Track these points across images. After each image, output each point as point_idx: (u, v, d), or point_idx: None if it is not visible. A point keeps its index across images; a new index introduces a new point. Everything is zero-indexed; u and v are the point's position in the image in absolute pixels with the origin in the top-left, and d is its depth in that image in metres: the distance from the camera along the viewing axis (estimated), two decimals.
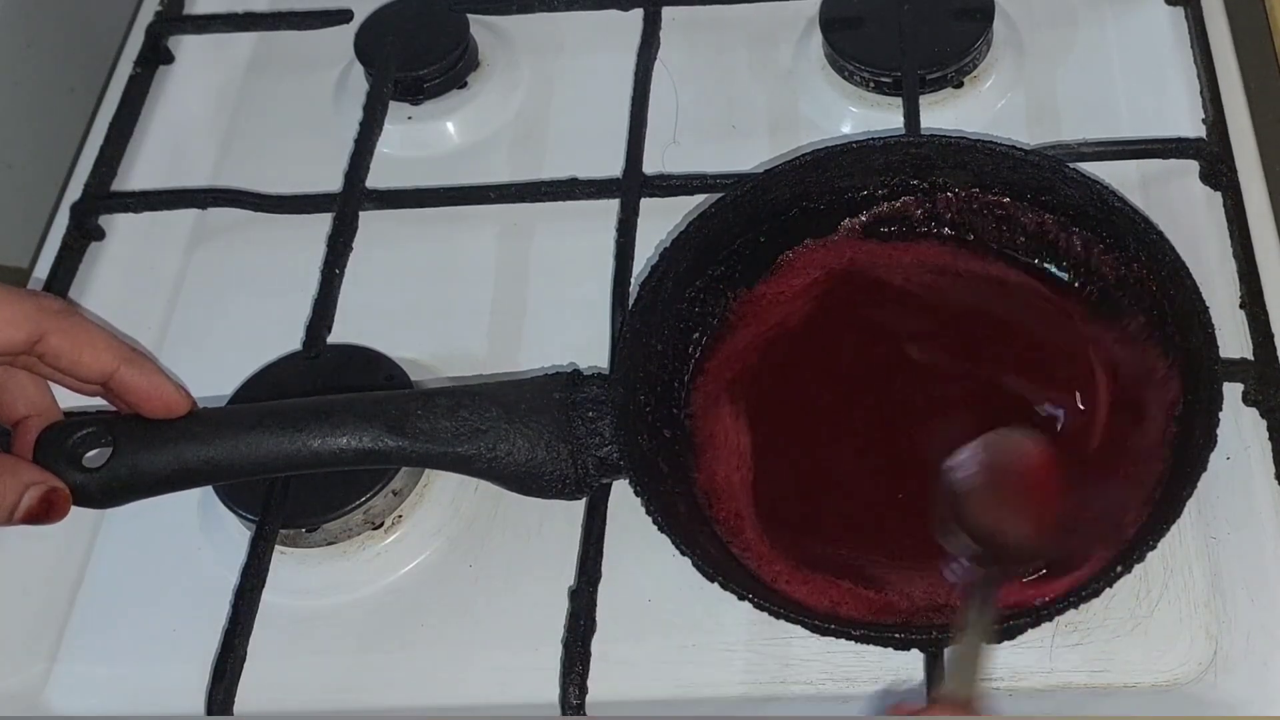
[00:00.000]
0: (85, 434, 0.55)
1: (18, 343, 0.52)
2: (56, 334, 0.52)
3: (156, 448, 0.56)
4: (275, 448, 0.57)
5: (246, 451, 0.57)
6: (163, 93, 0.83)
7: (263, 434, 0.57)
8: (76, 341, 0.53)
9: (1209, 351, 0.57)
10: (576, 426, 0.58)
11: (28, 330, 0.52)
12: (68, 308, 0.54)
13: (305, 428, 0.57)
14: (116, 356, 0.54)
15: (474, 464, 0.58)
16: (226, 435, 0.57)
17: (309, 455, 0.57)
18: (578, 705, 0.56)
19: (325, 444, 0.57)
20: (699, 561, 0.54)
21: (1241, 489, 0.60)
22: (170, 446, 0.56)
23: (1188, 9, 0.77)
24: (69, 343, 0.53)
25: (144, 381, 0.55)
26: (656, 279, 0.62)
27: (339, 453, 0.57)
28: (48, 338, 0.52)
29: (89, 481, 0.55)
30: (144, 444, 0.56)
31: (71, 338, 0.53)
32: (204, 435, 0.56)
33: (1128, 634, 0.57)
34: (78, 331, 0.53)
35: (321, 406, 0.58)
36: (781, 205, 0.66)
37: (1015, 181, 0.64)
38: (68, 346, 0.53)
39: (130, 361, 0.54)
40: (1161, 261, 0.59)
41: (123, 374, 0.54)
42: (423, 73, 0.79)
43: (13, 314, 0.52)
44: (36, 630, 0.63)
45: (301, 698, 0.60)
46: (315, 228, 0.73)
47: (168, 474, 0.56)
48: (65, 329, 0.53)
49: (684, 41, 0.81)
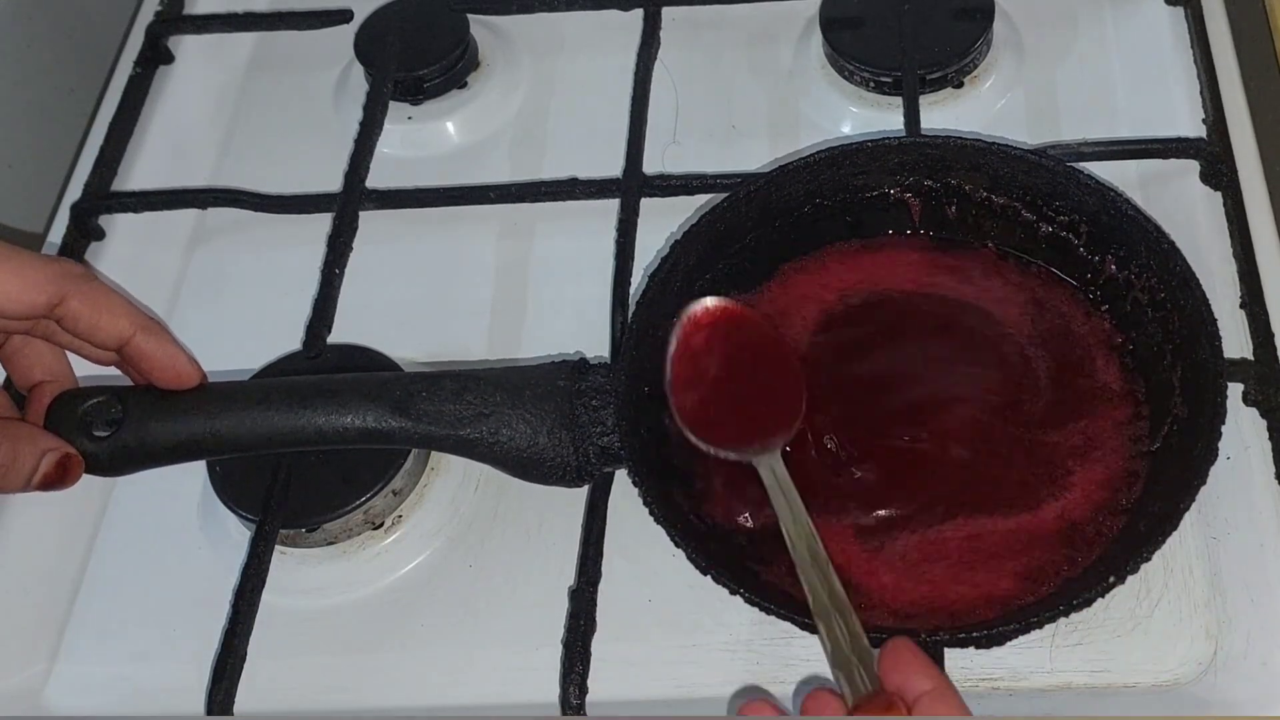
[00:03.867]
0: (96, 402, 0.56)
1: (40, 305, 0.53)
2: (77, 297, 0.53)
3: (165, 418, 0.57)
4: (281, 423, 0.57)
5: (252, 426, 0.57)
6: (163, 93, 0.83)
7: (269, 409, 0.57)
8: (96, 306, 0.54)
9: (1215, 364, 0.57)
10: (579, 414, 0.58)
11: (50, 293, 0.53)
12: (88, 273, 0.55)
13: (311, 405, 0.57)
14: (133, 323, 0.55)
15: (476, 447, 0.58)
16: (234, 409, 0.57)
17: (313, 432, 0.57)
18: (578, 705, 0.56)
19: (330, 422, 0.57)
20: (693, 554, 0.54)
21: (1241, 489, 0.60)
22: (179, 418, 0.57)
23: (1188, 9, 0.77)
24: (89, 307, 0.54)
25: (158, 350, 0.56)
26: (666, 271, 0.62)
27: (343, 431, 0.57)
28: (68, 301, 0.53)
29: (99, 449, 0.56)
30: (153, 414, 0.57)
31: (91, 301, 0.54)
32: (212, 408, 0.57)
33: (1128, 634, 0.57)
34: (97, 296, 0.54)
35: (328, 385, 0.59)
36: (794, 202, 0.66)
37: (1028, 185, 0.64)
38: (87, 310, 0.54)
39: (146, 329, 0.55)
40: (1172, 271, 0.59)
41: (138, 341, 0.55)
42: (423, 73, 0.79)
43: (36, 277, 0.53)
44: (36, 630, 0.63)
45: (301, 698, 0.60)
46: (315, 228, 0.73)
47: (175, 444, 0.57)
48: (86, 293, 0.54)
49: (684, 41, 0.81)
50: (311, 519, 0.62)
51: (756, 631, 0.58)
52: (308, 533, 0.62)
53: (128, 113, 0.81)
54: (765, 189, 0.65)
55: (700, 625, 0.59)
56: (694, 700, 0.58)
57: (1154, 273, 0.61)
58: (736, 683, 0.58)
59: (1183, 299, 0.59)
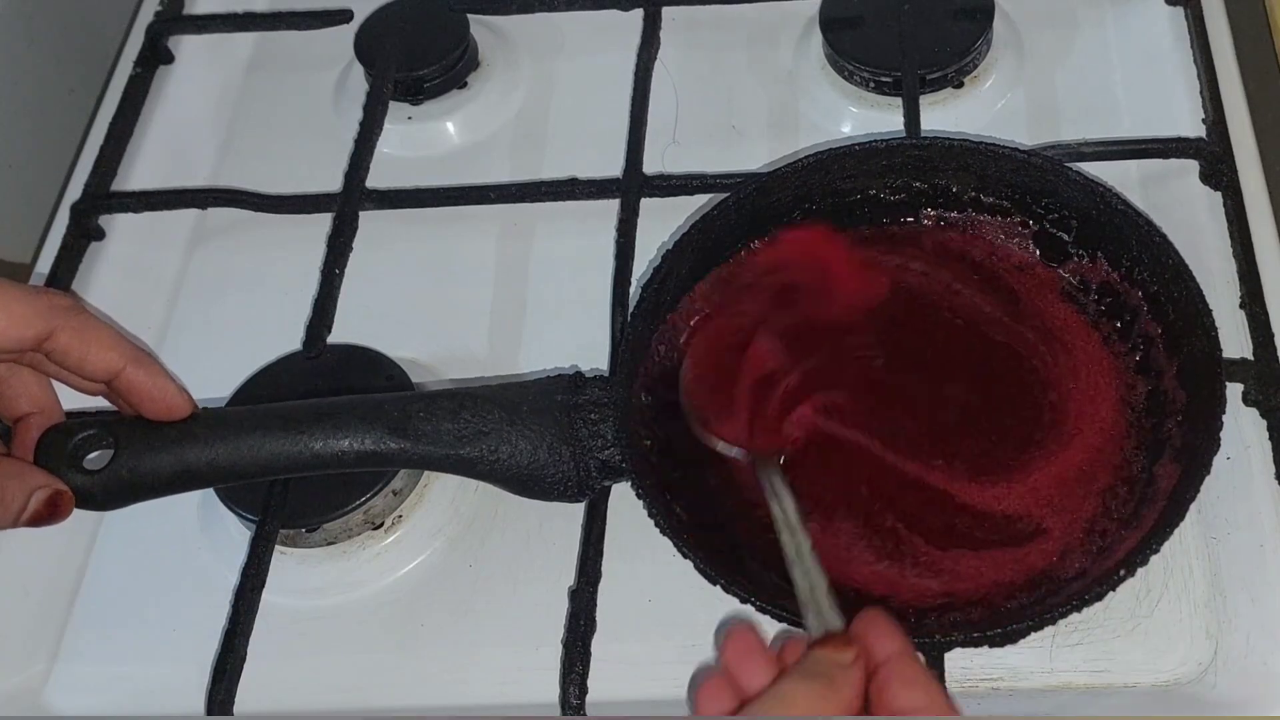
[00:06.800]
0: (87, 436, 0.55)
1: (28, 339, 0.52)
2: (65, 332, 0.53)
3: (158, 450, 0.56)
4: (277, 449, 0.57)
5: (248, 453, 0.57)
6: (163, 93, 0.83)
7: (264, 436, 0.57)
8: (85, 340, 0.53)
9: (1212, 355, 0.57)
10: (578, 429, 0.58)
11: (37, 328, 0.52)
12: (76, 305, 0.54)
13: (307, 430, 0.57)
14: (123, 356, 0.54)
15: (476, 466, 0.58)
16: (228, 437, 0.57)
17: (310, 457, 0.57)
18: (578, 705, 0.56)
19: (327, 446, 0.57)
20: (701, 564, 0.54)
21: (1241, 489, 0.60)
22: (172, 448, 0.56)
23: (1188, 9, 0.77)
24: (77, 341, 0.53)
25: (148, 382, 0.55)
26: (659, 281, 0.62)
27: (341, 455, 0.57)
28: (57, 335, 0.52)
29: (91, 483, 0.55)
30: (145, 446, 0.56)
31: (80, 336, 0.53)
32: (205, 437, 0.56)
33: (1128, 634, 0.57)
34: (86, 330, 0.53)
35: (323, 408, 0.58)
36: (784, 207, 0.66)
37: (1018, 183, 0.64)
38: (76, 344, 0.53)
39: (136, 361, 0.54)
40: (1165, 264, 0.59)
41: (128, 374, 0.54)
42: (423, 73, 0.79)
43: (23, 311, 0.52)
44: (36, 630, 0.63)
45: (301, 698, 0.60)
46: (315, 228, 0.73)
47: (169, 476, 0.56)
48: (74, 327, 0.53)
49: (684, 41, 0.81)
50: (311, 519, 0.62)
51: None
52: (308, 533, 0.62)
53: (128, 113, 0.81)
54: (754, 195, 0.64)
55: (700, 625, 0.59)
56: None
57: (1147, 266, 0.61)
58: None
59: (1177, 291, 0.59)
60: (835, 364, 0.62)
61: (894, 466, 0.60)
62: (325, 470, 0.58)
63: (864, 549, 0.58)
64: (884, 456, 0.60)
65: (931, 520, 0.58)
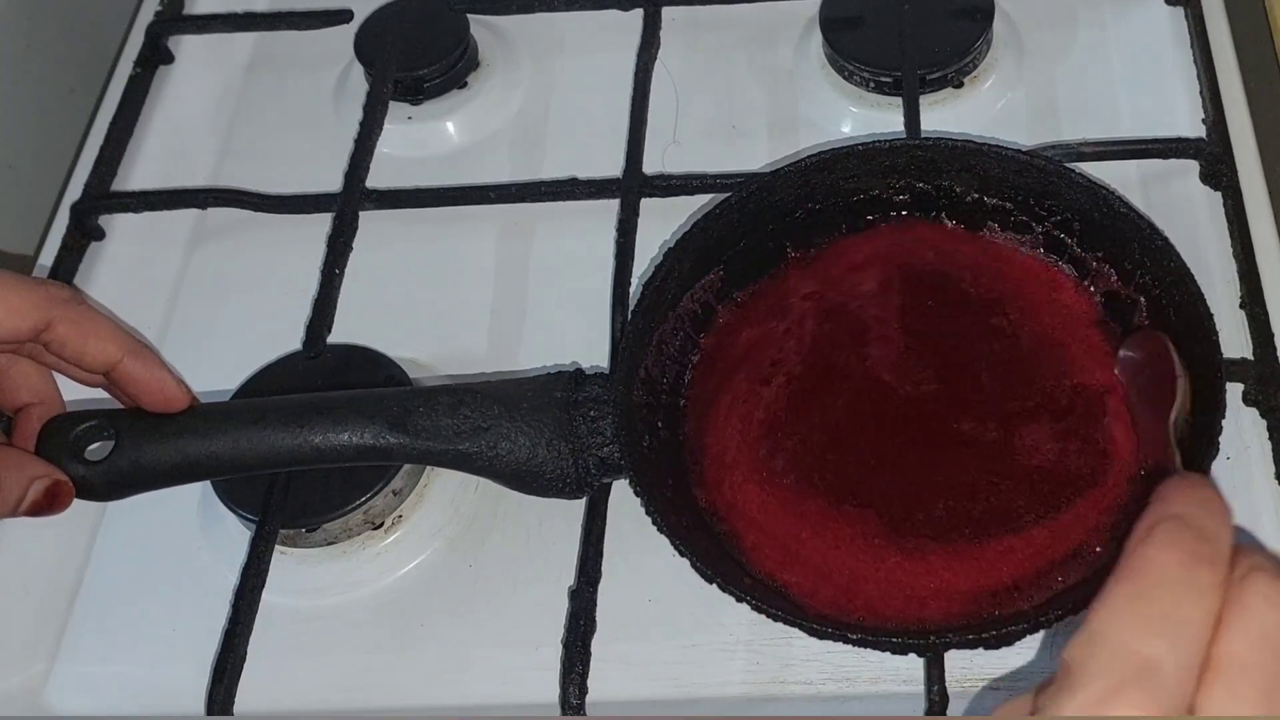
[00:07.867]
0: (87, 427, 0.56)
1: (25, 331, 0.52)
2: (63, 323, 0.53)
3: (158, 441, 0.56)
4: (277, 443, 0.57)
5: (248, 446, 0.57)
6: (163, 93, 0.83)
7: (264, 429, 0.57)
8: (83, 331, 0.53)
9: (1212, 357, 0.57)
10: (578, 425, 0.58)
11: (35, 318, 0.52)
12: (75, 296, 0.54)
13: (307, 423, 0.57)
14: (121, 347, 0.54)
15: (475, 462, 0.58)
16: (228, 430, 0.57)
17: (310, 451, 0.57)
18: (578, 705, 0.56)
19: (327, 440, 0.57)
20: (698, 562, 0.54)
21: (1242, 489, 0.60)
22: (172, 440, 0.56)
23: (1188, 9, 0.77)
24: (75, 332, 0.53)
25: (146, 374, 0.55)
26: (660, 279, 0.62)
27: (340, 449, 0.57)
28: (55, 326, 0.53)
29: (91, 474, 0.56)
30: (146, 438, 0.56)
31: (78, 327, 0.53)
32: (206, 430, 0.57)
33: None
34: (84, 321, 0.53)
35: (323, 403, 0.58)
36: (786, 206, 0.66)
37: (1021, 185, 0.64)
38: (74, 335, 0.53)
39: (134, 353, 0.55)
40: (1166, 268, 0.59)
41: (126, 365, 0.54)
42: (423, 73, 0.79)
43: (21, 302, 0.52)
44: (36, 630, 0.63)
45: (301, 698, 0.60)
46: (315, 228, 0.73)
47: (169, 467, 0.57)
48: (72, 318, 0.53)
49: (684, 41, 0.81)
50: (311, 519, 0.62)
51: (756, 632, 0.58)
52: (308, 533, 0.62)
53: (127, 113, 0.81)
54: (756, 194, 0.64)
55: (700, 625, 0.59)
56: (694, 700, 0.58)
57: (1148, 270, 0.61)
58: (735, 683, 0.58)
59: (1178, 294, 0.59)
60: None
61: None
62: (325, 464, 0.58)
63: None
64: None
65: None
